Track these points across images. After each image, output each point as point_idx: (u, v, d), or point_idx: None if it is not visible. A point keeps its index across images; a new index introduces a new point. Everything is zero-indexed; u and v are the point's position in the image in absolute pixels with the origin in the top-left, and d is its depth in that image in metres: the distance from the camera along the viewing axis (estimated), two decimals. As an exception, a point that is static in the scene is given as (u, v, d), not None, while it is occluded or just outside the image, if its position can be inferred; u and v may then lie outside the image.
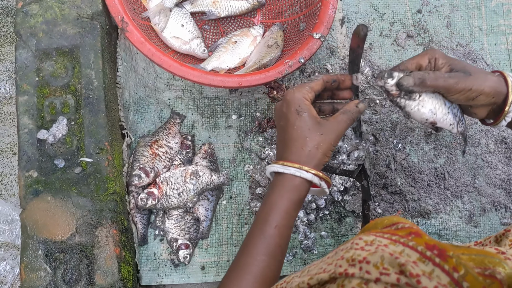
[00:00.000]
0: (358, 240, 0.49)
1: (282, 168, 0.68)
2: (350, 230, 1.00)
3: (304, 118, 0.69)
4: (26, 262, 0.81)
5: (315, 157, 0.68)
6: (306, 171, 0.67)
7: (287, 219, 0.67)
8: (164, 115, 1.05)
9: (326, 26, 0.97)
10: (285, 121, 0.71)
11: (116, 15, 0.90)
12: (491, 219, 1.02)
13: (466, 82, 0.69)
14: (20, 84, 0.88)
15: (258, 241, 0.65)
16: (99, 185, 0.85)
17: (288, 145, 0.70)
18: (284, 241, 0.67)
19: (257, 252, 0.64)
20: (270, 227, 0.66)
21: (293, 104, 0.70)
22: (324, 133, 0.69)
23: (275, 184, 0.69)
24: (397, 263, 0.43)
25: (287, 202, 0.67)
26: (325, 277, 0.47)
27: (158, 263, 0.96)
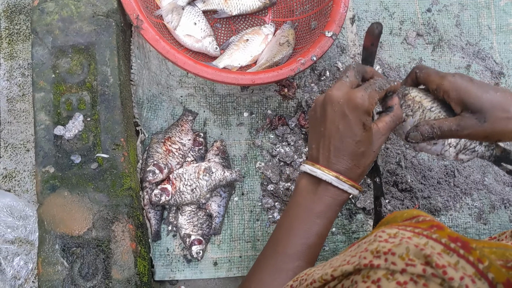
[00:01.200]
0: (381, 232, 0.49)
1: (337, 183, 0.66)
2: (361, 227, 1.00)
3: (368, 135, 0.65)
4: (43, 256, 0.82)
5: (363, 174, 0.68)
6: (357, 189, 0.68)
7: (329, 230, 0.69)
8: (176, 112, 1.06)
9: (338, 25, 0.98)
10: (346, 128, 0.65)
11: (131, 12, 0.91)
12: (501, 217, 1.03)
13: (478, 132, 0.62)
14: (37, 81, 0.89)
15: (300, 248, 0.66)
16: (115, 180, 0.86)
17: (344, 158, 0.66)
18: (321, 249, 0.69)
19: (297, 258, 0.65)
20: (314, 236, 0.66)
21: (361, 114, 0.64)
22: (376, 149, 0.67)
23: (324, 194, 0.67)
24: (422, 254, 0.44)
25: (335, 214, 0.68)
26: (349, 268, 0.47)
27: (171, 259, 0.97)
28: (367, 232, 1.00)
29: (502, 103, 0.61)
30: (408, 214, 0.55)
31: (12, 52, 1.14)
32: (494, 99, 0.61)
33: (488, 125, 0.61)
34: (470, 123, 0.62)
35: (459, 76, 0.64)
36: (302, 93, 1.07)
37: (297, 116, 1.05)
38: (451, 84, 0.64)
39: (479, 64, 1.12)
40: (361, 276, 0.46)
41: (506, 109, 0.61)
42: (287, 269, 0.65)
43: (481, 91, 0.62)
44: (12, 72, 1.12)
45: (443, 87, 0.65)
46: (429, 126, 0.65)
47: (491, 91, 0.62)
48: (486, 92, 0.62)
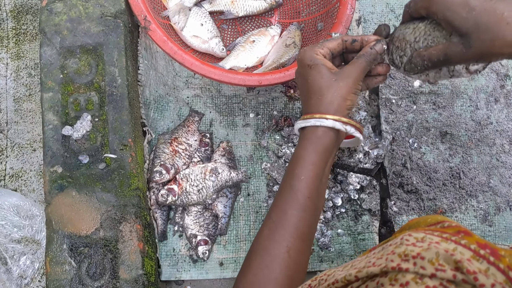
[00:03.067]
0: (408, 236, 0.49)
1: (304, 122, 0.67)
2: (366, 228, 1.01)
3: (317, 69, 0.67)
4: (51, 256, 0.82)
5: (333, 102, 0.65)
6: (325, 119, 0.64)
7: (314, 171, 0.64)
8: (183, 113, 1.06)
9: (344, 26, 0.98)
10: (300, 79, 0.70)
11: (139, 13, 0.91)
12: (506, 219, 1.03)
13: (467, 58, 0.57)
14: (45, 81, 0.89)
15: (287, 196, 0.64)
16: (123, 180, 0.86)
17: (307, 99, 0.68)
18: (313, 193, 0.64)
19: (287, 207, 0.63)
20: (297, 180, 0.64)
21: (305, 60, 0.68)
22: (340, 78, 0.66)
23: (300, 139, 0.68)
24: (452, 260, 0.43)
25: (312, 154, 0.65)
26: (375, 270, 0.47)
27: (177, 259, 0.97)
28: (372, 234, 1.00)
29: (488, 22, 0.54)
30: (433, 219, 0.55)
31: (19, 52, 1.14)
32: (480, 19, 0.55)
33: (473, 51, 0.56)
34: (456, 51, 0.58)
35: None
36: (308, 94, 1.07)
37: (303, 117, 1.05)
38: (437, 5, 0.59)
39: (485, 66, 1.12)
40: (388, 278, 0.46)
41: (490, 29, 0.54)
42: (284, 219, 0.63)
43: (467, 10, 0.55)
44: (19, 72, 1.13)
45: (431, 9, 0.60)
46: (420, 58, 0.63)
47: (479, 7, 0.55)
48: (472, 10, 0.55)
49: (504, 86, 1.11)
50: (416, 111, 1.08)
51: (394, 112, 1.07)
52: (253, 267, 0.61)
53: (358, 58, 0.68)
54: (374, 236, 1.00)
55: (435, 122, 1.07)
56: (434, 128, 1.07)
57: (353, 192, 1.00)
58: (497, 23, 0.54)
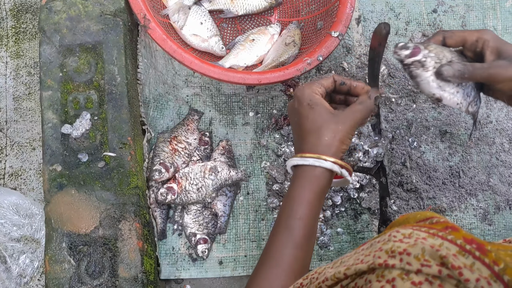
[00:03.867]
0: (395, 232, 0.49)
1: (301, 160, 0.68)
2: (366, 227, 1.01)
3: (317, 110, 0.69)
4: (50, 254, 0.82)
5: (332, 145, 0.67)
6: (324, 160, 0.66)
7: (310, 210, 0.66)
8: (182, 111, 1.06)
9: (344, 25, 0.98)
10: (298, 116, 0.71)
11: (139, 12, 0.91)
12: (506, 218, 1.03)
13: (508, 72, 0.67)
14: (44, 80, 0.89)
15: (283, 234, 0.66)
16: (122, 179, 0.86)
17: (304, 137, 0.70)
18: (309, 232, 0.66)
19: (283, 245, 0.65)
20: (293, 219, 0.66)
21: (304, 99, 0.70)
22: (339, 121, 0.68)
23: (296, 177, 0.69)
24: (438, 255, 0.44)
25: (309, 193, 0.67)
26: (363, 267, 0.47)
27: (176, 258, 0.97)
28: (372, 232, 1.00)
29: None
30: (422, 215, 0.55)
31: (19, 51, 1.14)
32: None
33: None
34: (502, 64, 0.68)
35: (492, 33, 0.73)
36: (308, 93, 1.07)
37: (303, 116, 1.05)
38: (490, 35, 0.71)
39: (485, 65, 1.12)
40: (376, 275, 0.46)
41: None
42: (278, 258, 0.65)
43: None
44: (18, 71, 1.13)
45: (483, 38, 0.71)
46: (461, 63, 0.70)
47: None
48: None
49: (504, 85, 1.11)
50: (416, 110, 1.08)
51: (394, 111, 1.07)
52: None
53: (360, 104, 0.71)
54: (373, 235, 1.00)
55: (435, 121, 1.07)
56: (434, 127, 1.07)
57: (352, 191, 1.00)
58: None
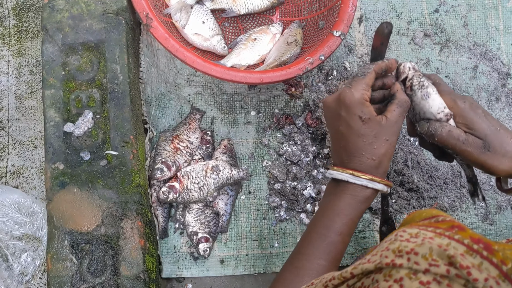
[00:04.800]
0: (402, 232, 0.49)
1: (353, 179, 0.66)
2: (367, 226, 1.01)
3: (370, 125, 0.65)
4: (52, 252, 0.82)
5: (383, 165, 0.67)
6: (378, 182, 0.66)
7: (352, 228, 0.67)
8: (184, 110, 1.06)
9: (346, 24, 0.98)
10: (346, 128, 0.67)
11: (141, 11, 0.91)
12: (507, 217, 1.03)
13: (479, 157, 0.65)
14: (47, 78, 0.89)
15: (320, 246, 0.65)
16: (124, 177, 0.86)
17: (355, 154, 0.67)
18: (345, 248, 0.67)
19: (317, 257, 0.64)
20: (334, 233, 0.65)
21: (354, 108, 0.66)
22: (389, 137, 0.66)
23: (343, 192, 0.67)
24: (446, 255, 0.44)
25: (356, 212, 0.66)
26: (370, 267, 0.47)
27: (178, 256, 0.97)
28: (373, 232, 1.00)
29: (503, 140, 0.65)
30: (427, 214, 0.55)
31: (21, 50, 1.14)
32: (497, 134, 0.66)
33: (490, 155, 0.65)
34: (476, 144, 0.65)
35: (469, 103, 0.68)
36: (310, 92, 1.07)
37: (304, 115, 1.05)
38: (459, 110, 0.67)
39: (486, 65, 1.12)
40: (383, 275, 0.46)
41: (504, 147, 0.65)
42: (309, 268, 0.65)
43: (487, 123, 0.66)
44: (20, 70, 1.13)
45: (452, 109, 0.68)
46: (438, 125, 0.67)
47: (496, 126, 0.66)
48: (491, 125, 0.66)
49: (506, 85, 1.11)
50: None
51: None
52: None
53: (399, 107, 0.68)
54: (374, 234, 1.00)
55: (437, 120, 1.07)
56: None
57: (354, 190, 1.00)
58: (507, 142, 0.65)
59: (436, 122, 0.68)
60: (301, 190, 1.00)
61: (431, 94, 0.69)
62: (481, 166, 0.66)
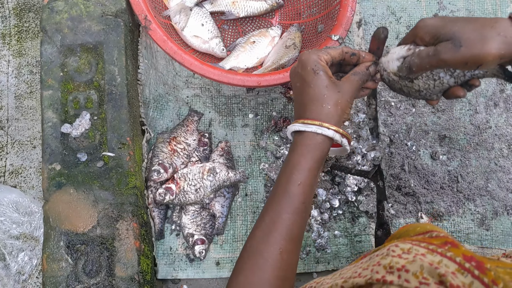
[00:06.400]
0: (394, 247, 0.49)
1: (303, 127, 0.67)
2: (363, 230, 1.01)
3: (320, 76, 0.68)
4: (48, 252, 0.83)
5: (335, 113, 0.67)
6: (327, 128, 0.66)
7: (310, 178, 0.66)
8: (182, 112, 1.06)
9: (344, 28, 0.98)
10: (301, 81, 0.70)
11: (140, 13, 0.91)
12: (503, 223, 1.03)
13: (456, 58, 0.58)
14: (45, 79, 0.90)
15: (283, 200, 0.65)
16: (121, 179, 0.87)
17: (307, 104, 0.69)
18: (308, 199, 0.66)
19: (282, 211, 0.64)
20: (293, 185, 0.65)
21: (308, 63, 0.69)
22: (341, 91, 0.68)
23: (297, 144, 0.68)
24: (437, 273, 0.43)
25: (310, 161, 0.66)
26: (360, 281, 0.47)
27: (174, 258, 0.97)
28: (369, 235, 1.01)
29: (474, 27, 0.58)
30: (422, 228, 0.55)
31: (21, 50, 1.15)
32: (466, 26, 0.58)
33: (464, 49, 0.57)
34: (446, 48, 0.59)
35: (428, 18, 0.63)
36: (308, 95, 1.07)
37: (302, 118, 1.05)
38: (420, 28, 0.64)
39: (485, 70, 1.12)
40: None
41: (479, 31, 0.57)
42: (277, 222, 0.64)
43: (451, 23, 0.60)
44: (20, 70, 1.14)
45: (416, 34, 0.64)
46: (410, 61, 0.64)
47: (461, 21, 0.60)
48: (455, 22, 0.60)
49: (504, 91, 1.11)
50: (415, 114, 1.08)
51: (393, 115, 1.07)
52: (245, 269, 0.62)
53: (355, 75, 0.71)
54: (370, 238, 1.00)
55: (434, 125, 1.07)
56: (433, 132, 1.07)
57: (350, 194, 1.01)
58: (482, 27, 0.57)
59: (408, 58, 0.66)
60: (297, 193, 1.00)
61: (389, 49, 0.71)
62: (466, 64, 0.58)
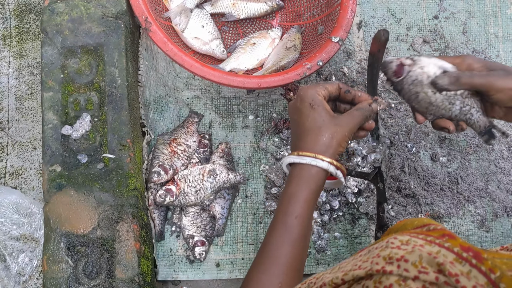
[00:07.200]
0: (393, 239, 0.50)
1: (298, 158, 0.68)
2: (363, 232, 1.01)
3: (318, 110, 0.69)
4: (48, 254, 0.83)
5: (330, 146, 0.67)
6: (321, 160, 0.66)
7: (306, 209, 0.67)
8: (182, 114, 1.06)
9: (344, 30, 0.98)
10: (298, 115, 0.71)
11: (140, 15, 0.92)
12: (503, 225, 1.03)
13: (507, 80, 0.66)
14: (46, 80, 0.90)
15: (281, 233, 0.66)
16: (121, 181, 0.87)
17: (303, 136, 0.70)
18: (306, 231, 0.67)
19: (281, 243, 0.65)
20: (291, 218, 0.66)
21: (306, 98, 0.70)
22: (338, 124, 0.69)
23: (292, 176, 0.69)
24: (435, 262, 0.44)
25: (306, 192, 0.67)
26: (361, 273, 0.48)
27: (174, 259, 0.97)
28: (369, 237, 1.01)
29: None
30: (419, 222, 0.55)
31: (22, 51, 1.15)
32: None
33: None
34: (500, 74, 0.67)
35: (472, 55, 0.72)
36: (308, 97, 1.07)
37: (302, 120, 1.05)
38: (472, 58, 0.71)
39: (485, 72, 1.12)
40: (373, 281, 0.46)
41: None
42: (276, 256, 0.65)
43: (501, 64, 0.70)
44: (21, 71, 1.14)
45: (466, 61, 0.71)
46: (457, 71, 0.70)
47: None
48: None
49: (504, 92, 1.11)
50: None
51: (393, 117, 1.07)
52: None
53: (358, 110, 0.71)
54: (370, 240, 1.01)
55: (434, 127, 1.07)
56: (433, 133, 1.07)
57: (350, 196, 1.01)
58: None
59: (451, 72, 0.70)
60: (297, 195, 1.00)
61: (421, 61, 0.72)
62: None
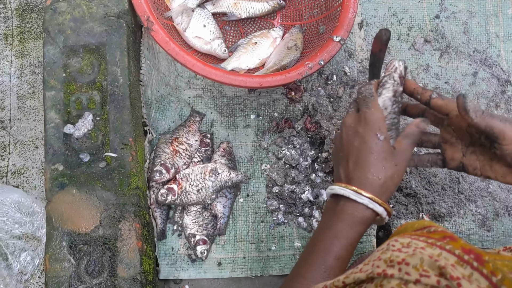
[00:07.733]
0: (394, 242, 0.49)
1: (355, 196, 0.63)
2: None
3: (383, 145, 0.64)
4: (50, 252, 0.83)
5: (388, 189, 0.64)
6: (379, 204, 0.63)
7: (350, 252, 0.64)
8: (184, 113, 1.07)
9: (346, 30, 0.98)
10: (360, 143, 0.65)
11: (142, 14, 0.92)
12: (504, 224, 1.03)
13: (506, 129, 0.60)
14: (48, 80, 0.90)
15: (318, 271, 0.62)
16: (123, 179, 0.87)
17: (363, 169, 0.64)
18: (342, 272, 0.62)
19: (315, 281, 0.62)
20: (332, 258, 0.62)
21: (374, 126, 0.65)
22: (398, 163, 0.64)
23: (343, 211, 0.64)
24: (437, 265, 0.44)
25: (354, 235, 0.63)
26: (362, 276, 0.48)
27: (175, 258, 0.98)
28: (370, 237, 1.01)
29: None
30: (420, 224, 0.55)
31: (23, 50, 1.15)
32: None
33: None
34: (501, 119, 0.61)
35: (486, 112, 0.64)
36: (309, 96, 1.07)
37: (304, 119, 1.06)
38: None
39: (486, 72, 1.12)
40: (374, 284, 0.46)
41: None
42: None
43: None
44: (22, 70, 1.14)
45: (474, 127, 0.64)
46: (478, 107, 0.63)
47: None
48: None
49: (505, 92, 1.11)
50: (417, 115, 1.08)
51: (395, 116, 1.07)
52: None
53: (407, 138, 0.66)
54: (372, 239, 1.01)
55: (435, 126, 1.07)
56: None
57: (352, 195, 1.01)
58: None
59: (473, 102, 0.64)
60: (299, 194, 1.01)
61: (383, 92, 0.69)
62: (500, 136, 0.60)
